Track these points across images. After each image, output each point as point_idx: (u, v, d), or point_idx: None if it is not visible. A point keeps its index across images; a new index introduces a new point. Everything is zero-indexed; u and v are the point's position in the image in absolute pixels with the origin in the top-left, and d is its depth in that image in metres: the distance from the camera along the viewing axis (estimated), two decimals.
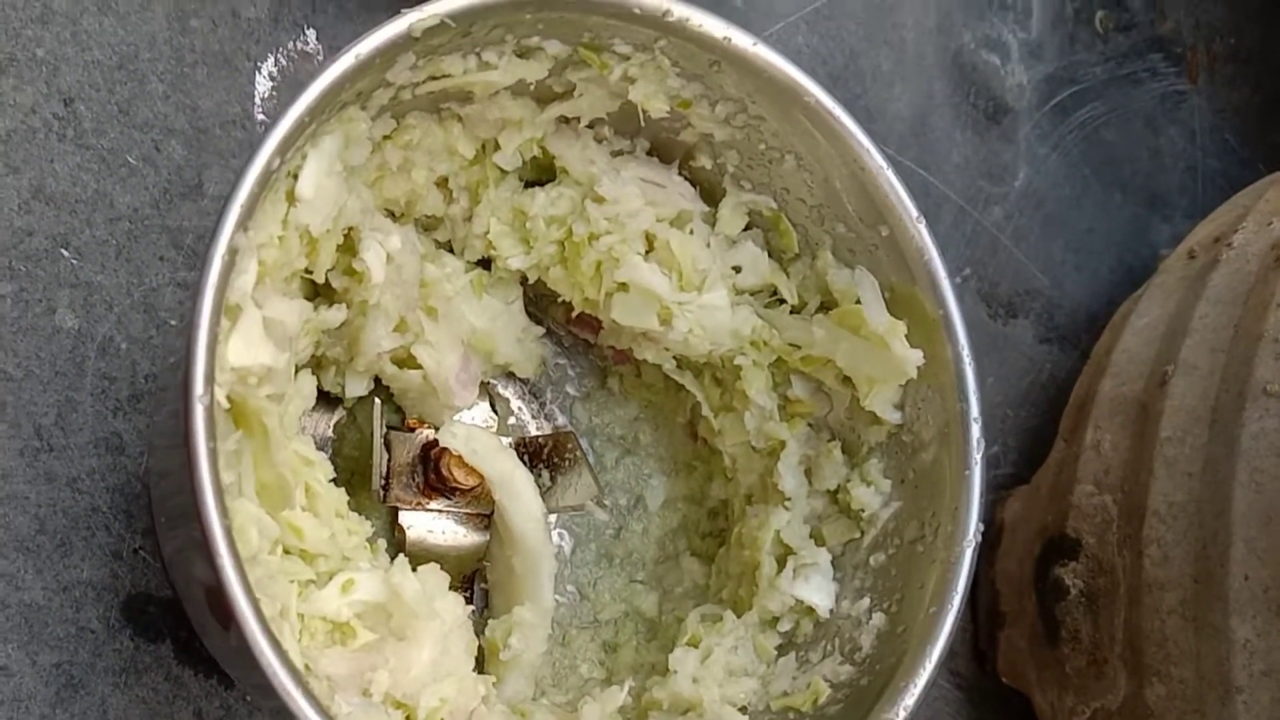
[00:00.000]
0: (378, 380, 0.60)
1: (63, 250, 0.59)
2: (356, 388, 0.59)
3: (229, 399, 0.47)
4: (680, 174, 0.61)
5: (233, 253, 0.45)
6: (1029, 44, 0.83)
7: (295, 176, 0.50)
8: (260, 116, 0.63)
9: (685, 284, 0.59)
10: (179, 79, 0.62)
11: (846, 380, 0.59)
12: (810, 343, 0.59)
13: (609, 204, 0.58)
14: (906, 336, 0.57)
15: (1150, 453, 0.63)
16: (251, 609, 0.43)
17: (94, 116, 0.60)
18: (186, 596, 0.55)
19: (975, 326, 0.79)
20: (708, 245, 0.60)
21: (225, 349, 0.47)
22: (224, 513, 0.43)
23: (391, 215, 0.58)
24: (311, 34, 0.65)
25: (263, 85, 0.64)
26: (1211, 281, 0.66)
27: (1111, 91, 0.86)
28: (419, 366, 0.59)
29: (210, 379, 0.44)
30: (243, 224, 0.45)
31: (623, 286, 0.58)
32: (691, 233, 0.59)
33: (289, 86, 0.64)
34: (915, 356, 0.56)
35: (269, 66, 0.64)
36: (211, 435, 0.43)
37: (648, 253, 0.59)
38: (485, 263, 0.61)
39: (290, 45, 0.64)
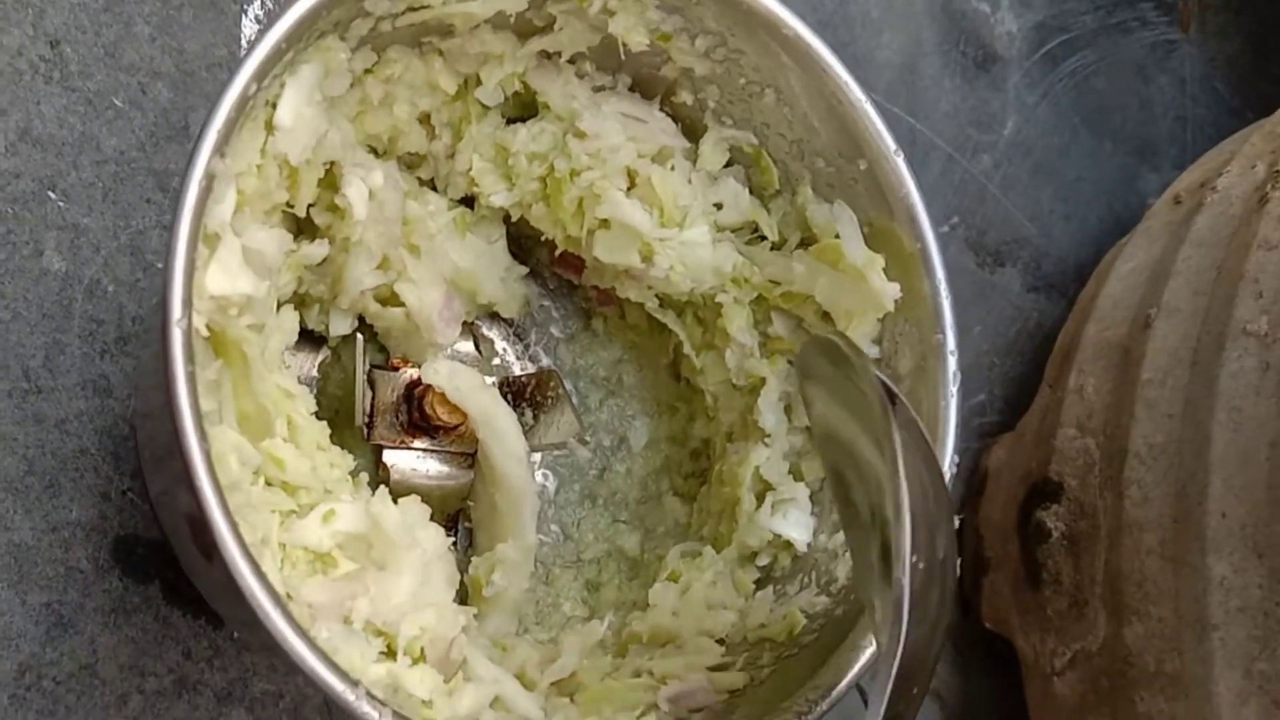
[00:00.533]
0: (362, 320, 0.61)
1: (49, 193, 0.59)
2: (340, 325, 0.60)
3: (209, 328, 0.48)
4: (662, 109, 0.61)
5: (209, 178, 0.45)
6: None
7: (274, 105, 0.50)
8: None
9: (667, 220, 0.59)
10: (165, 21, 0.62)
11: (826, 315, 0.59)
12: (790, 279, 0.60)
13: (590, 139, 0.58)
14: (884, 270, 0.57)
15: (1132, 395, 0.64)
16: (232, 534, 0.43)
17: (80, 59, 0.60)
18: (173, 534, 0.56)
19: (962, 275, 0.80)
20: (689, 182, 0.60)
21: (204, 277, 0.47)
22: (203, 437, 0.43)
23: (374, 152, 0.58)
24: None
25: (249, 28, 0.64)
26: (1195, 225, 0.66)
27: (1102, 40, 0.86)
28: (402, 304, 0.59)
29: (188, 304, 0.44)
30: (219, 150, 0.45)
31: (604, 223, 0.59)
32: (673, 169, 0.59)
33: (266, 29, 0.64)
34: (892, 290, 0.57)
35: (255, 9, 0.64)
36: (190, 359, 0.43)
37: (629, 189, 0.59)
38: (468, 201, 0.62)
39: None
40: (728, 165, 0.61)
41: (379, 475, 0.61)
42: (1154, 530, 0.61)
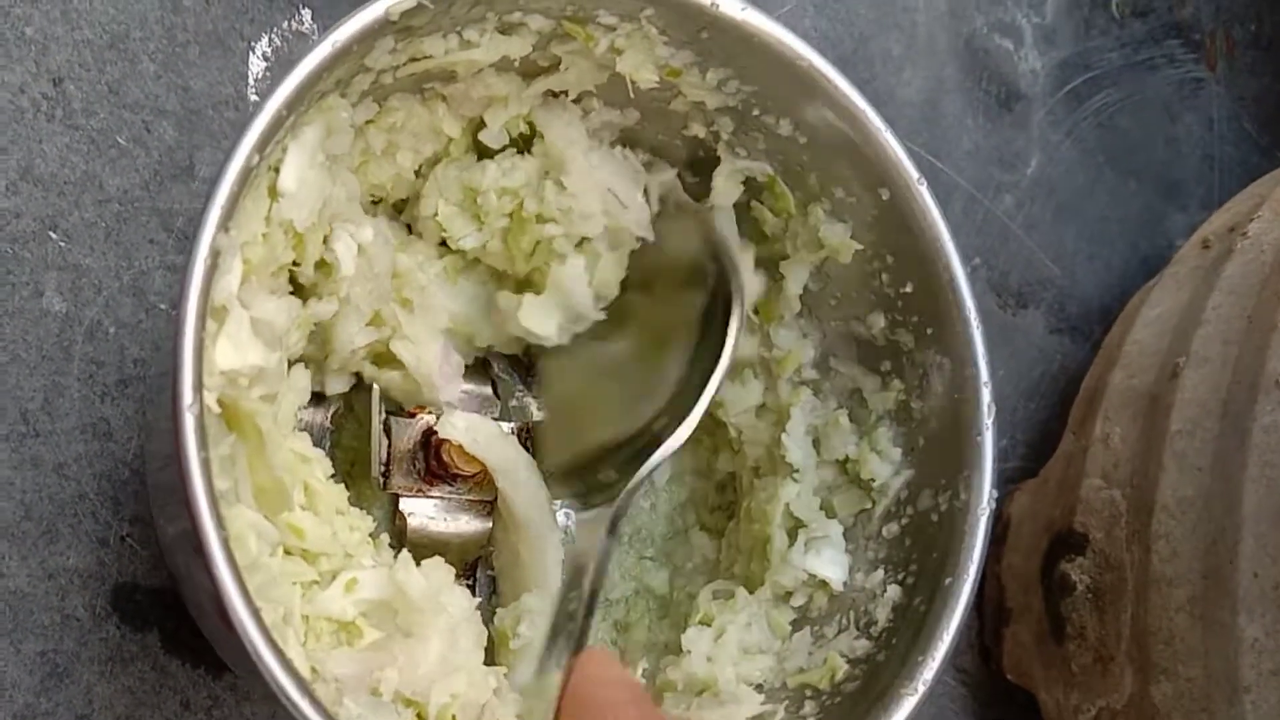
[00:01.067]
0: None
1: (50, 232, 0.58)
2: (337, 385, 0.58)
3: (220, 402, 0.46)
4: (643, 196, 0.60)
5: (215, 255, 0.44)
6: (1043, 29, 0.82)
7: (276, 170, 0.49)
8: (254, 97, 0.62)
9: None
10: (171, 59, 0.61)
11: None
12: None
13: (568, 195, 0.57)
14: (915, 298, 0.56)
15: (1160, 446, 0.62)
16: (253, 620, 0.42)
17: (83, 96, 0.59)
18: (185, 583, 0.54)
19: (986, 316, 0.77)
20: None
21: (213, 352, 0.46)
22: (220, 523, 0.42)
23: (376, 201, 0.57)
24: (307, 13, 0.64)
25: (256, 65, 0.63)
26: (1225, 271, 0.64)
27: (1127, 78, 0.85)
28: (398, 362, 0.58)
29: (199, 387, 0.42)
30: (223, 225, 0.44)
31: (542, 281, 0.58)
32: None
33: (283, 67, 0.63)
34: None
35: (263, 46, 0.63)
36: (203, 445, 0.42)
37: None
38: None
39: (285, 25, 0.63)
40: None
41: (396, 524, 0.60)
42: (1183, 586, 0.59)
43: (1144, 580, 0.61)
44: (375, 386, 0.58)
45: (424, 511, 0.59)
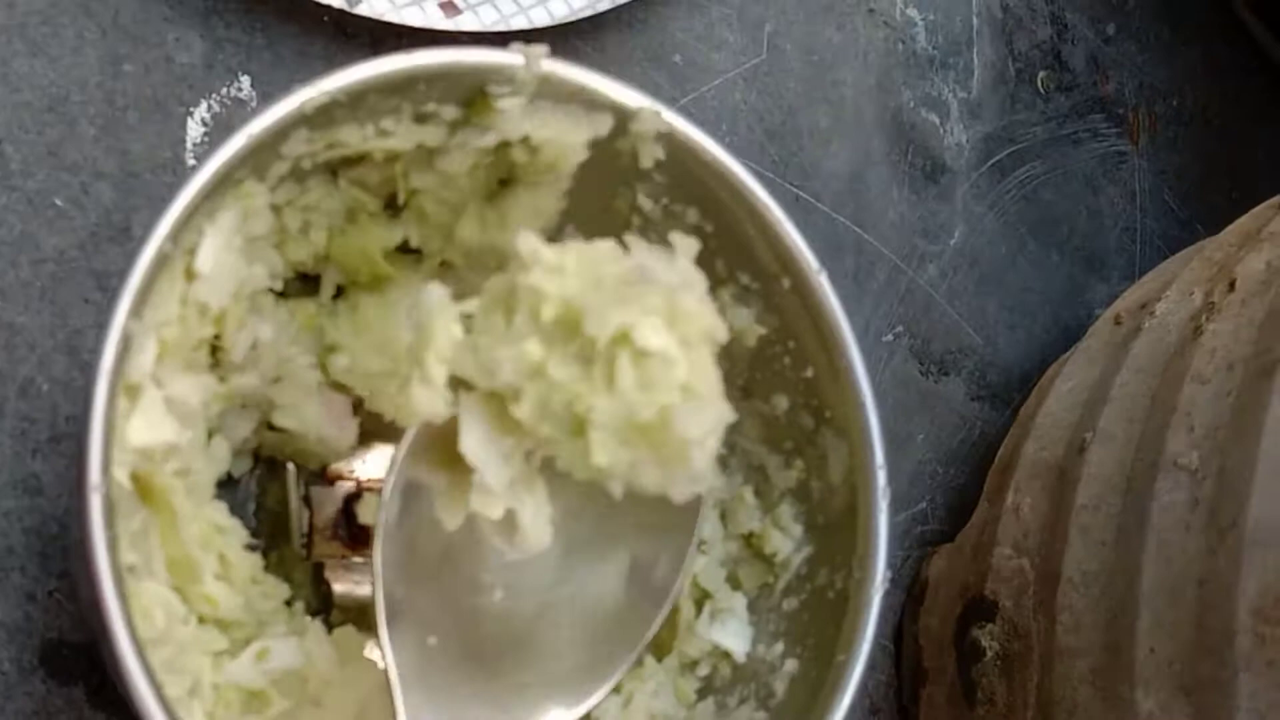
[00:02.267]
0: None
1: None
2: (240, 467, 0.59)
3: (133, 476, 0.47)
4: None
5: (126, 339, 0.45)
6: (969, 103, 0.84)
7: (192, 253, 0.50)
8: (191, 161, 0.63)
9: None
10: (110, 122, 0.62)
11: None
12: None
13: None
14: (815, 383, 0.58)
15: (1066, 519, 0.64)
16: (152, 695, 0.42)
17: (22, 158, 0.60)
18: (101, 644, 0.55)
19: (906, 383, 0.80)
20: None
21: (127, 429, 0.46)
22: (124, 602, 0.42)
23: (299, 276, 0.58)
24: (246, 80, 0.65)
25: (195, 130, 0.64)
26: (1133, 349, 0.66)
27: (1051, 151, 0.87)
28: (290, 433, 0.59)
29: (107, 467, 0.43)
30: (136, 311, 0.45)
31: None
32: None
33: (221, 132, 0.64)
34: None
35: (202, 112, 0.64)
36: (110, 524, 0.42)
37: None
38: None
39: (224, 91, 0.65)
40: None
41: (322, 589, 0.61)
42: (1085, 658, 0.61)
43: (1049, 650, 0.63)
44: (290, 466, 0.59)
45: (349, 577, 0.60)
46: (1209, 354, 0.60)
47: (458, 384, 0.48)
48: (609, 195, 0.59)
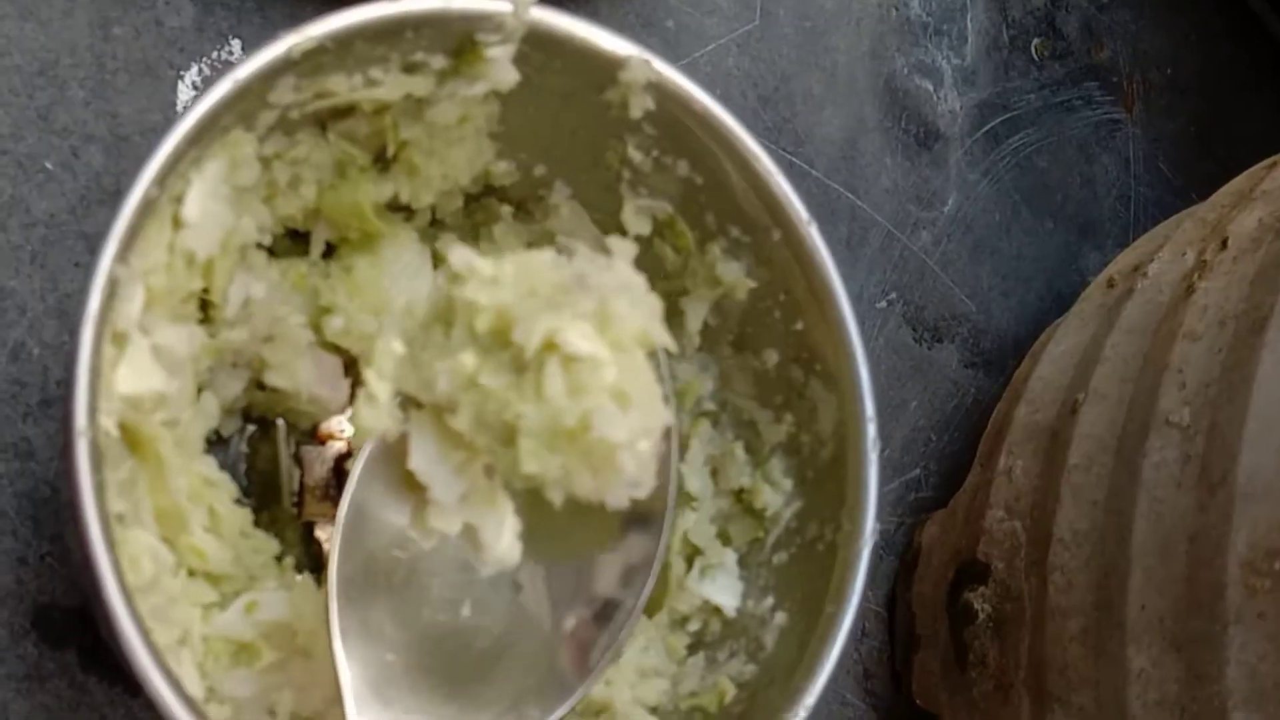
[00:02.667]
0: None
1: None
2: (230, 425, 0.59)
3: (121, 426, 0.47)
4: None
5: (112, 284, 0.45)
6: (963, 70, 0.84)
7: (179, 200, 0.50)
8: None
9: None
10: (100, 86, 0.62)
11: None
12: None
13: None
14: (806, 335, 0.58)
15: (1058, 480, 0.64)
16: (140, 639, 0.42)
17: (12, 121, 0.60)
18: (93, 603, 0.55)
19: (900, 350, 0.80)
20: None
21: (114, 377, 0.46)
22: (110, 545, 0.42)
23: (289, 233, 0.58)
24: (236, 44, 0.65)
25: (185, 94, 0.64)
26: (1125, 310, 0.66)
27: (1045, 119, 0.87)
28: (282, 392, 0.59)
29: (94, 412, 0.43)
30: (122, 256, 0.45)
31: None
32: None
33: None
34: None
35: (192, 75, 0.64)
36: (97, 469, 0.43)
37: None
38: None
39: (214, 54, 0.65)
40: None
41: (313, 549, 0.61)
42: (1076, 618, 0.61)
43: (1041, 610, 0.63)
44: (280, 423, 0.59)
45: None
46: (1201, 311, 0.60)
47: (409, 401, 0.48)
48: (599, 149, 0.59)
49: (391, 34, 0.51)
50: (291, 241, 0.59)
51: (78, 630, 0.59)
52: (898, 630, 0.76)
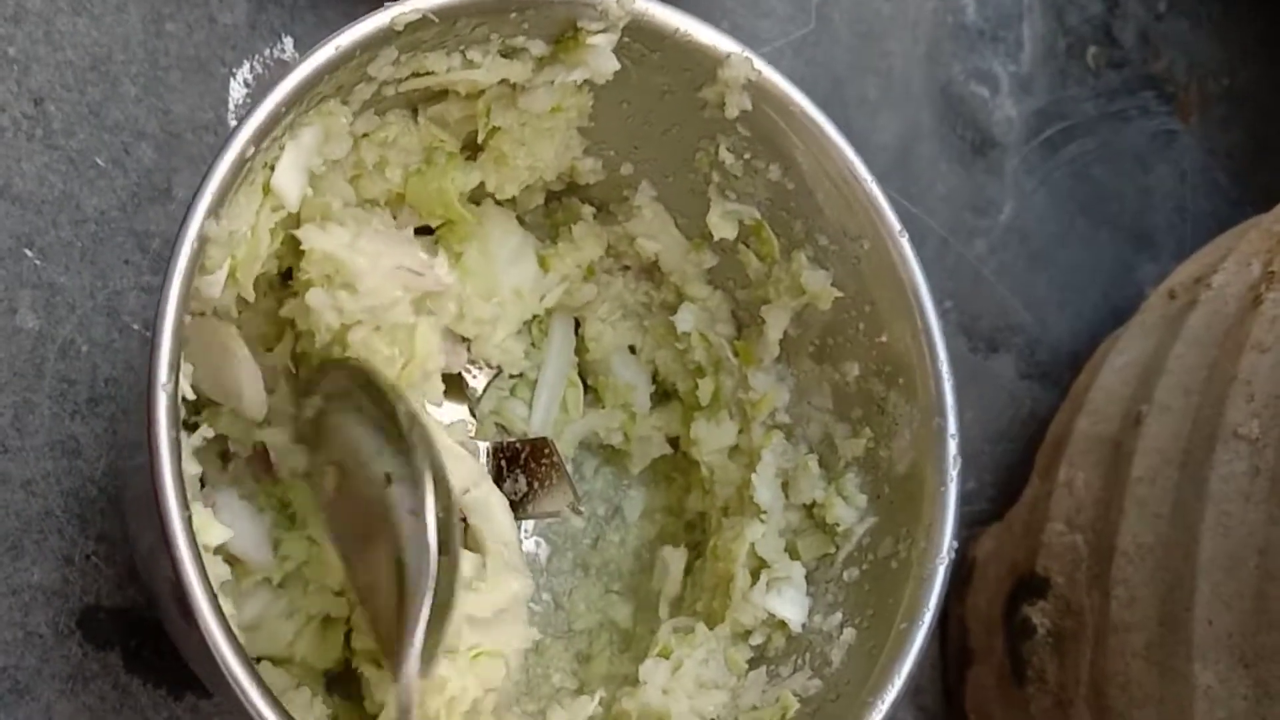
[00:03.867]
0: None
1: (26, 250, 0.58)
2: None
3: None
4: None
5: (202, 240, 0.45)
6: (1019, 77, 0.83)
7: (272, 168, 0.50)
8: (233, 122, 0.62)
9: None
10: (152, 82, 0.62)
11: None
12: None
13: None
14: (890, 348, 0.57)
15: (1121, 492, 0.63)
16: (210, 603, 0.43)
17: (64, 117, 0.60)
18: (157, 595, 0.55)
19: (955, 360, 0.77)
20: None
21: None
22: (184, 504, 0.43)
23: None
24: (289, 41, 0.64)
25: (237, 91, 0.63)
26: (1189, 322, 0.65)
27: (1102, 128, 0.86)
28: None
29: (175, 368, 0.43)
30: (214, 211, 0.45)
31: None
32: None
33: (264, 93, 0.63)
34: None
35: (244, 73, 0.64)
36: (175, 424, 0.43)
37: None
38: None
39: (266, 52, 0.64)
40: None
41: None
42: (1140, 632, 0.59)
43: (1103, 625, 0.62)
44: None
45: None
46: (1269, 322, 0.59)
47: None
48: (690, 149, 0.58)
49: (495, 14, 0.51)
50: None
51: (123, 632, 0.58)
52: (950, 645, 0.75)
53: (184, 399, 0.46)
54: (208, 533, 0.48)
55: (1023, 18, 0.83)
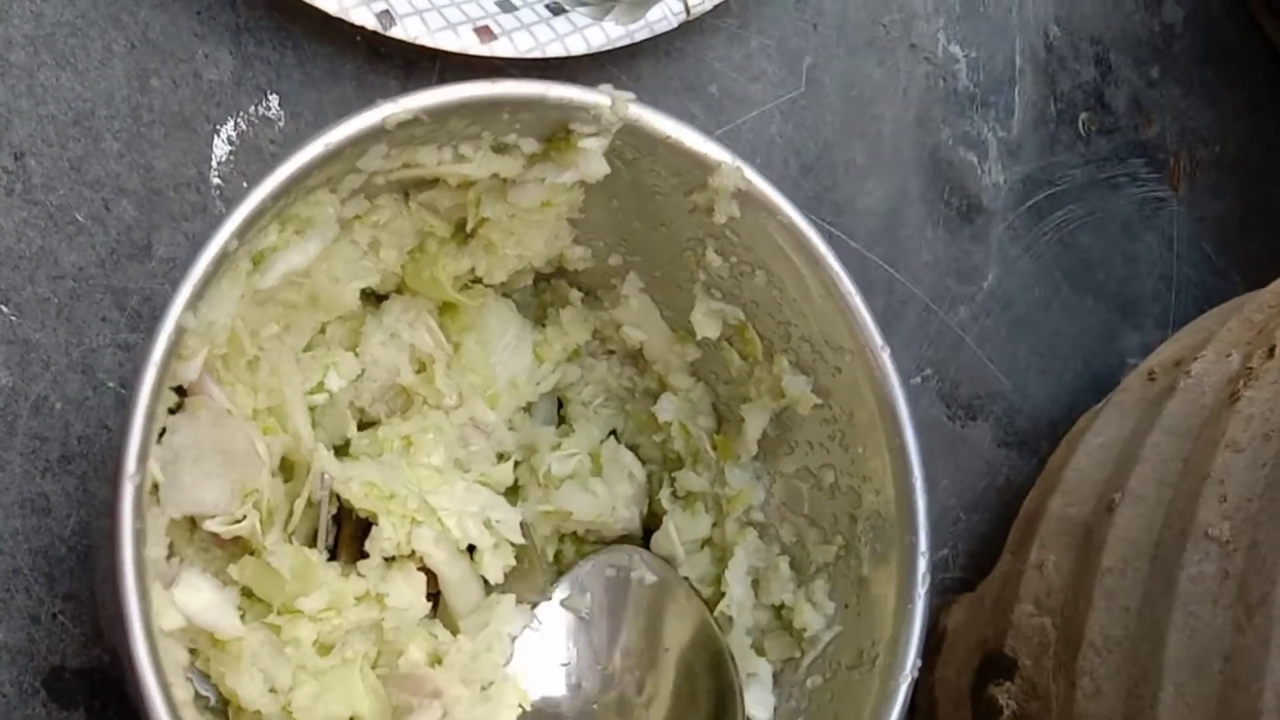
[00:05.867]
0: None
1: (2, 306, 0.58)
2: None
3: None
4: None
5: (179, 333, 0.45)
6: (1008, 143, 0.83)
7: (256, 259, 0.50)
8: (216, 180, 0.63)
9: None
10: (135, 138, 0.61)
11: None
12: None
13: None
14: (866, 461, 0.57)
15: (1091, 580, 0.62)
16: (159, 691, 0.43)
17: (44, 172, 0.59)
18: (121, 659, 0.55)
19: (933, 427, 0.79)
20: None
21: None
22: (143, 595, 0.43)
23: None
24: (274, 99, 0.64)
25: (221, 149, 0.63)
26: (1166, 409, 0.65)
27: (1090, 195, 0.86)
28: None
29: (144, 460, 0.43)
30: (193, 304, 0.45)
31: None
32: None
33: (248, 151, 0.63)
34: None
35: (228, 130, 0.63)
36: (139, 516, 0.43)
37: None
38: None
39: (251, 110, 0.64)
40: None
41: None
42: None
43: (1068, 714, 0.61)
44: (324, 474, 0.58)
45: None
46: (1245, 421, 0.59)
47: None
48: (678, 247, 0.59)
49: (487, 114, 0.51)
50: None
51: (88, 693, 0.58)
52: (918, 714, 0.75)
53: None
54: (166, 617, 0.48)
55: (1015, 83, 0.83)
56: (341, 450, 0.58)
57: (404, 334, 0.58)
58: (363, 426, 0.59)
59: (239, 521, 0.51)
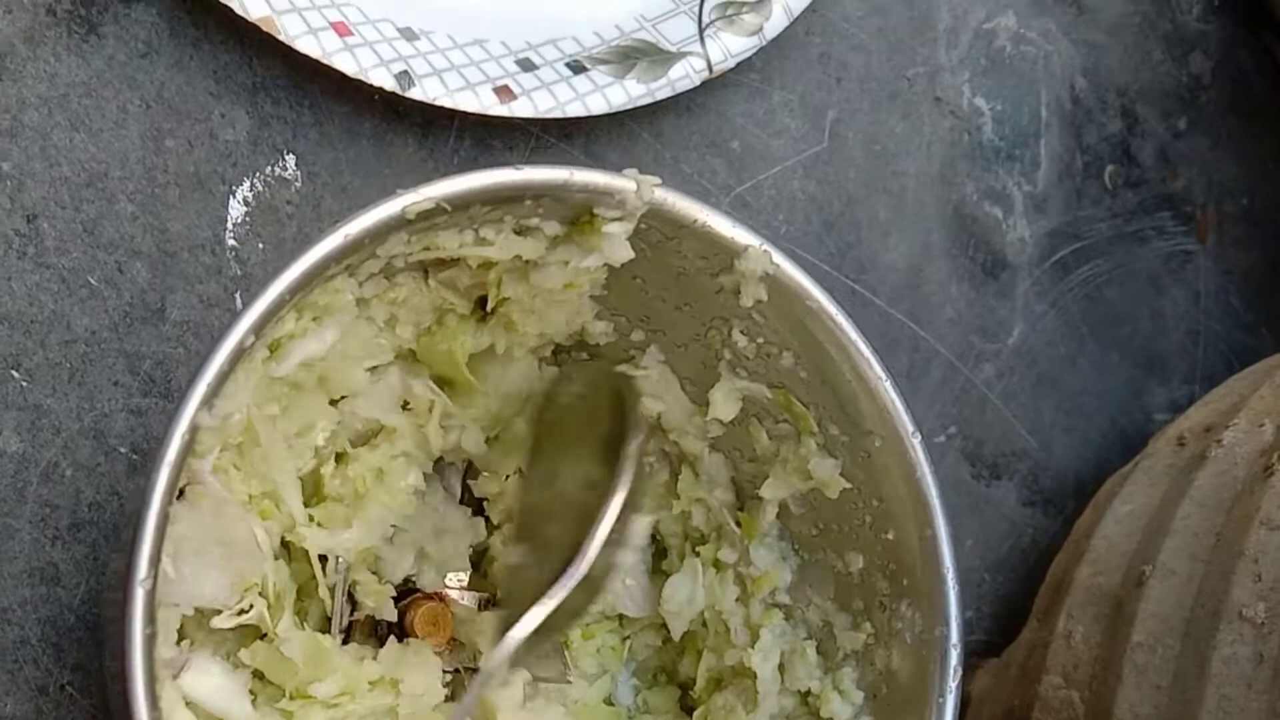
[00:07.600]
0: None
1: (13, 371, 0.57)
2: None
3: None
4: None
5: (193, 430, 0.44)
6: (1034, 197, 0.81)
7: (273, 349, 0.49)
8: (231, 242, 0.62)
9: None
10: (149, 199, 0.60)
11: None
12: None
13: None
14: (896, 547, 0.56)
15: (1121, 655, 0.61)
16: None
17: (57, 234, 0.59)
18: None
19: (957, 486, 0.77)
20: None
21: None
22: (154, 703, 0.42)
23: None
24: (291, 159, 0.63)
25: (236, 210, 0.62)
26: (1197, 480, 0.63)
27: (1116, 249, 0.84)
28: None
29: (155, 562, 0.43)
30: (207, 402, 0.44)
31: None
32: None
33: (264, 212, 0.62)
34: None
35: (244, 191, 0.62)
36: (150, 621, 0.42)
37: None
38: None
39: (268, 170, 0.63)
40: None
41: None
42: None
43: None
44: (330, 559, 0.57)
45: None
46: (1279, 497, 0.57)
47: None
48: (703, 326, 0.58)
49: (510, 199, 0.50)
50: None
51: None
52: None
53: None
54: (176, 716, 0.47)
55: (1040, 136, 0.82)
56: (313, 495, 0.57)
57: (396, 386, 0.57)
58: None
59: (246, 612, 0.50)
